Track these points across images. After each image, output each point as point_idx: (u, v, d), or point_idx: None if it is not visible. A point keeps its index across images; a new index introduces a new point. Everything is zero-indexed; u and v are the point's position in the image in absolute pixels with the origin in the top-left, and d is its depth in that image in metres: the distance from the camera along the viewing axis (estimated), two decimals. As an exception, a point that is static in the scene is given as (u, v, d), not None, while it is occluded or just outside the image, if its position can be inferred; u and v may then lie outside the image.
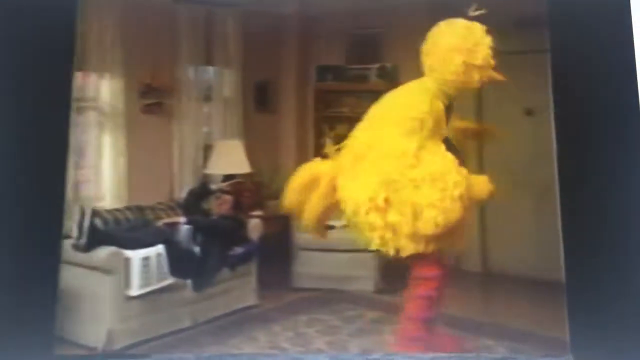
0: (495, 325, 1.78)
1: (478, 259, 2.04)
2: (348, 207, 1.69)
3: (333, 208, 1.76)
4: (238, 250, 2.04)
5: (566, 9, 1.66)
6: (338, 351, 1.70)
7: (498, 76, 1.73)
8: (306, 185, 1.77)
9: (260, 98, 2.25)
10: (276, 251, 2.09)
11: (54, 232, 1.63)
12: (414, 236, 1.65)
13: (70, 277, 1.83)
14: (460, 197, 1.61)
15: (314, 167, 1.79)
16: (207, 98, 2.23)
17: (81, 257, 1.86)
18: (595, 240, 1.55)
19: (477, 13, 1.73)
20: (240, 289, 2.03)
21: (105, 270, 1.85)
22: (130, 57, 2.10)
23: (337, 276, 1.95)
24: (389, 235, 1.65)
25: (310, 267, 2.12)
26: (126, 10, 2.04)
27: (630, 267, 1.54)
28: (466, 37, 1.68)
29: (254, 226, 2.13)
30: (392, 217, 1.64)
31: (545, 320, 1.67)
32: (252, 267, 2.04)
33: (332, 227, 1.82)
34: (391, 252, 1.67)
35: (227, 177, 2.12)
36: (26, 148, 1.64)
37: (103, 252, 1.87)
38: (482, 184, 1.65)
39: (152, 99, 2.15)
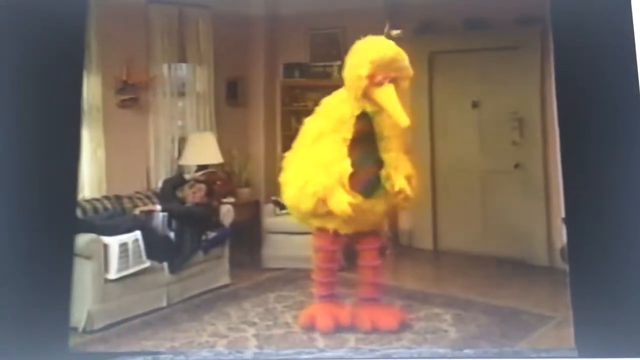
0: (443, 297, 1.95)
1: (430, 238, 2.21)
2: None
3: None
4: (211, 235, 2.15)
5: (568, 6, 1.66)
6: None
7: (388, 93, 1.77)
8: None
9: (231, 93, 2.36)
10: (246, 235, 2.21)
11: (67, 226, 1.65)
12: (289, 208, 1.88)
13: (52, 262, 1.92)
14: (314, 195, 1.79)
15: None
16: (181, 93, 2.33)
17: (62, 243, 1.95)
18: (596, 226, 1.55)
19: (394, 34, 1.85)
20: (214, 270, 2.14)
21: (85, 256, 1.92)
22: (106, 56, 2.18)
23: (302, 257, 2.05)
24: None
25: (277, 249, 2.26)
26: (101, 11, 2.13)
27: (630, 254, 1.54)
28: (357, 53, 1.80)
29: (226, 212, 2.25)
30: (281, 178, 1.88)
31: (489, 290, 1.84)
32: (225, 250, 2.17)
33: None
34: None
35: (201, 167, 2.23)
36: (41, 145, 1.65)
37: (83, 239, 1.92)
38: (340, 200, 1.78)
39: (128, 94, 2.24)
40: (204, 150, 2.25)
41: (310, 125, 1.88)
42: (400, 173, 1.82)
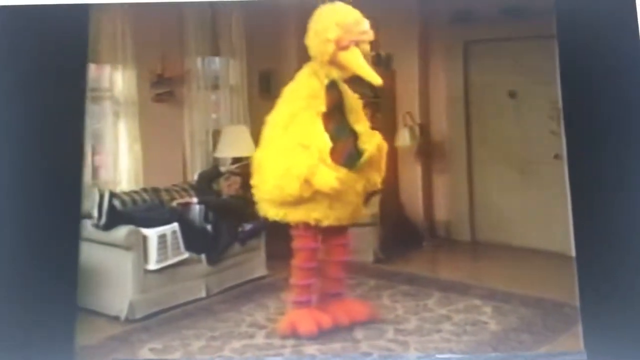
0: (482, 288, 1.94)
1: (467, 229, 2.20)
2: None
3: None
4: (247, 226, 2.17)
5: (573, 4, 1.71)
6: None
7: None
8: None
9: (263, 86, 2.36)
10: (282, 227, 2.23)
11: (74, 213, 1.73)
12: (270, 201, 1.84)
13: (94, 254, 1.97)
14: (298, 177, 1.75)
15: None
16: (215, 87, 2.35)
17: (103, 235, 1.99)
18: (604, 216, 1.59)
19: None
20: (251, 262, 2.17)
21: (125, 247, 1.98)
22: (141, 50, 2.21)
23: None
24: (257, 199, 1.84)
25: (314, 240, 2.26)
26: (135, 7, 2.16)
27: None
28: (322, 18, 1.83)
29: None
30: (254, 180, 1.85)
31: (529, 282, 1.83)
32: (261, 242, 2.19)
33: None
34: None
35: (235, 160, 2.25)
36: (47, 136, 1.73)
37: (122, 231, 1.99)
38: (327, 176, 1.75)
39: (163, 88, 2.27)
40: (238, 143, 2.27)
41: (276, 116, 1.87)
42: (372, 142, 1.83)
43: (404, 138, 2.25)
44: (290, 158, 1.78)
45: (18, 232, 1.67)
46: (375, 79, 1.76)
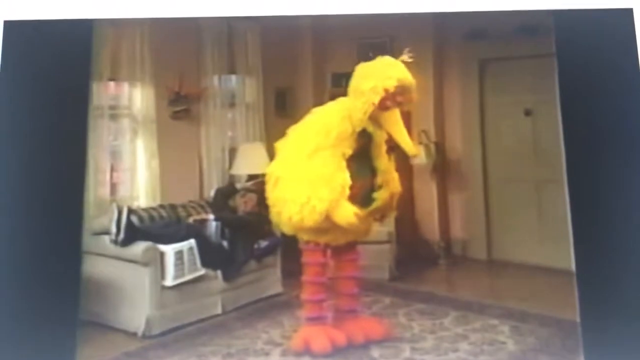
0: (499, 308, 1.93)
1: (484, 248, 2.19)
2: None
3: None
4: (263, 243, 2.19)
5: (571, 16, 1.73)
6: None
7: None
8: None
9: (279, 103, 2.40)
10: (297, 244, 2.24)
11: (76, 227, 1.70)
12: (289, 225, 1.85)
13: (111, 269, 2.00)
14: (318, 212, 1.77)
15: None
16: (231, 104, 2.38)
17: (120, 251, 2.01)
18: (604, 231, 1.60)
19: (407, 59, 1.82)
20: (266, 279, 2.18)
21: (143, 263, 1.99)
22: (159, 68, 2.25)
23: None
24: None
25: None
26: (154, 26, 2.20)
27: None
28: (370, 74, 1.80)
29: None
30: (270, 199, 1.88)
31: (547, 302, 1.81)
32: (277, 259, 2.20)
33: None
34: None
35: (251, 177, 2.27)
36: (50, 150, 1.71)
37: (140, 247, 2.01)
38: (346, 212, 1.77)
39: (180, 106, 2.30)
40: (254, 160, 2.29)
41: (302, 141, 1.86)
42: (387, 189, 1.83)
43: (419, 156, 2.26)
44: (313, 190, 1.79)
45: (20, 245, 1.66)
46: (411, 150, 1.76)
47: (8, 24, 1.78)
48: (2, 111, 1.72)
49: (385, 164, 1.84)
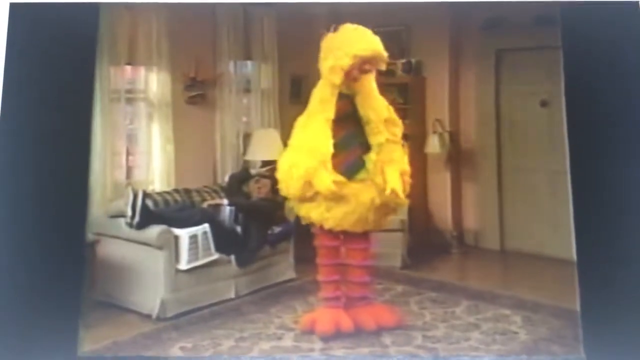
0: (512, 298, 1.94)
1: (496, 238, 2.19)
2: None
3: None
4: (276, 229, 2.20)
5: (577, 8, 1.73)
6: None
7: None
8: None
9: (294, 91, 2.39)
10: (310, 230, 2.25)
11: (80, 211, 1.70)
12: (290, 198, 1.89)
13: (127, 252, 2.02)
14: (299, 178, 1.81)
15: None
16: (246, 90, 2.38)
17: (136, 234, 2.03)
18: (606, 222, 1.61)
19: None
20: (279, 265, 2.20)
21: (157, 246, 2.01)
22: (175, 53, 2.25)
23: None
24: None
25: (342, 245, 2.28)
26: (171, 11, 2.19)
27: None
28: (335, 45, 1.84)
29: (290, 208, 2.29)
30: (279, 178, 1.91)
31: (559, 292, 1.82)
32: (290, 245, 2.22)
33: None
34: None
35: (265, 163, 2.27)
36: (55, 133, 1.70)
37: (155, 230, 2.03)
38: (325, 179, 1.80)
39: (196, 91, 2.31)
40: (269, 146, 2.29)
41: (302, 116, 1.92)
42: (394, 168, 1.82)
43: (433, 145, 2.25)
44: (296, 158, 1.84)
45: (24, 232, 1.66)
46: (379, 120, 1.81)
47: (14, 7, 1.77)
48: (8, 93, 1.71)
49: (385, 146, 1.84)
